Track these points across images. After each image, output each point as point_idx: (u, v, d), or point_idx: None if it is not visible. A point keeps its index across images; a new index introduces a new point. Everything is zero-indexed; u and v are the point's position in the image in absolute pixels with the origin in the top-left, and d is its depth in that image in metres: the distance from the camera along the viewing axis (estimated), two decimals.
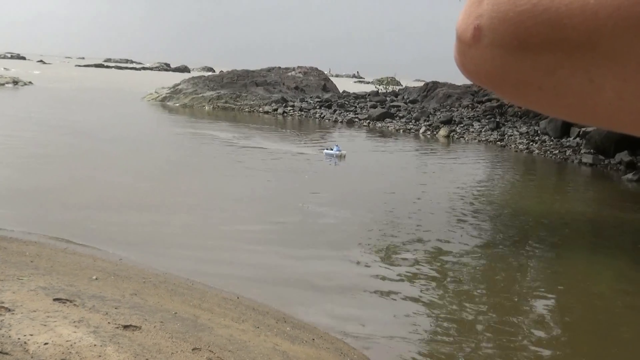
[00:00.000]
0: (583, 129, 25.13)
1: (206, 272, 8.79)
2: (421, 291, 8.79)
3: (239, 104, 38.39)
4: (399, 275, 9.37)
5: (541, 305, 8.77)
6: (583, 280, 10.16)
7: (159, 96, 40.68)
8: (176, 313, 6.60)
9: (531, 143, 25.87)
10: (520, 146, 25.71)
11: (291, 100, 39.07)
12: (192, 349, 5.58)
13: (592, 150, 22.61)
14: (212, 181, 15.63)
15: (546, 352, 7.29)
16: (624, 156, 21.15)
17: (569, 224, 14.07)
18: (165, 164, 17.38)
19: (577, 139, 25.06)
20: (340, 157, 20.38)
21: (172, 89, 41.16)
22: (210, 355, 5.57)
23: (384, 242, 11.03)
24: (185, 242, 10.19)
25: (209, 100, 38.65)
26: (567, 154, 23.67)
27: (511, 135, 27.59)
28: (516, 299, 9.04)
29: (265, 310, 7.54)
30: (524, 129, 28.36)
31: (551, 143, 25.45)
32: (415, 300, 8.43)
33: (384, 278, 9.19)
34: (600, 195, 17.49)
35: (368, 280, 9.08)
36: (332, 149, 20.94)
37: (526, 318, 8.29)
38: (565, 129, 26.15)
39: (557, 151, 24.20)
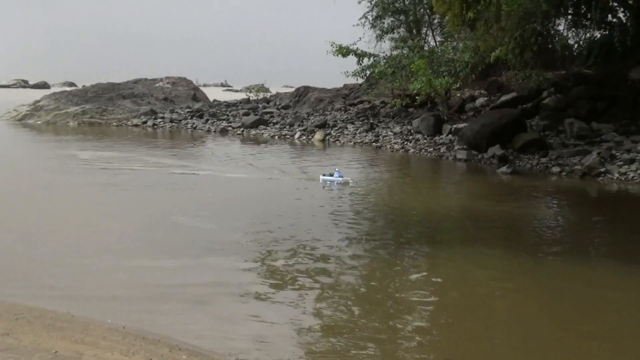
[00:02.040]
0: (455, 126, 25.71)
1: (82, 299, 8.02)
2: (313, 299, 8.47)
3: (106, 118, 36.83)
4: (281, 281, 9.08)
5: (421, 299, 8.72)
6: (461, 271, 10.20)
7: (18, 114, 38.40)
8: (56, 352, 5.87)
9: (406, 142, 26.20)
10: (396, 146, 25.98)
11: (161, 112, 37.88)
12: None
13: (465, 146, 23.11)
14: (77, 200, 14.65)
15: (427, 339, 7.20)
16: (496, 150, 21.73)
17: (448, 218, 14.20)
18: (27, 184, 16.22)
19: (450, 135, 25.61)
20: (344, 184, 17.52)
21: (32, 106, 38.96)
22: None
23: (264, 249, 10.66)
24: (56, 269, 9.33)
25: (74, 116, 36.85)
26: (441, 150, 24.11)
27: (385, 136, 27.85)
28: (397, 295, 8.89)
29: (157, 339, 6.90)
30: (397, 128, 28.71)
31: (425, 141, 25.86)
32: (299, 306, 8.08)
33: (271, 286, 8.80)
34: (477, 188, 17.81)
35: (253, 288, 8.67)
36: (332, 174, 18.01)
37: (407, 313, 8.24)
38: (437, 127, 26.68)
39: (431, 149, 24.60)
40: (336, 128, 30.69)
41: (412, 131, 27.72)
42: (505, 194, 17.18)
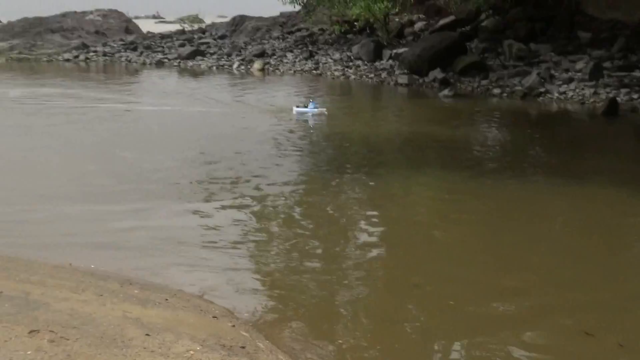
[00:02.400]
0: (395, 51, 25.51)
1: (24, 246, 7.67)
2: (249, 234, 8.32)
3: (35, 53, 35.37)
4: (226, 219, 8.79)
5: (365, 226, 8.68)
6: (404, 196, 10.25)
7: None
8: (1, 292, 5.61)
9: (346, 69, 25.95)
10: (336, 73, 25.72)
11: (93, 46, 36.57)
12: (29, 332, 4.70)
13: (406, 71, 23.00)
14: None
15: (383, 263, 7.16)
16: (437, 74, 21.70)
17: (391, 142, 14.22)
18: None
19: (390, 61, 25.42)
20: (320, 115, 16.71)
21: None
22: (52, 337, 4.71)
23: (206, 186, 10.32)
24: None
25: (1, 52, 35.31)
26: (382, 76, 23.97)
27: (325, 63, 27.52)
28: (344, 221, 8.87)
29: (106, 275, 6.69)
30: (337, 55, 28.36)
31: (365, 67, 25.65)
32: (245, 244, 7.94)
33: (213, 226, 8.53)
34: (420, 112, 17.80)
35: (197, 229, 8.38)
36: (306, 106, 17.09)
37: (351, 241, 8.19)
38: (377, 53, 26.44)
39: (372, 74, 24.44)
40: (275, 57, 30.17)
41: (352, 58, 27.44)
42: (448, 117, 17.23)
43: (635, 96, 17.56)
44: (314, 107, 16.87)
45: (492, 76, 21.06)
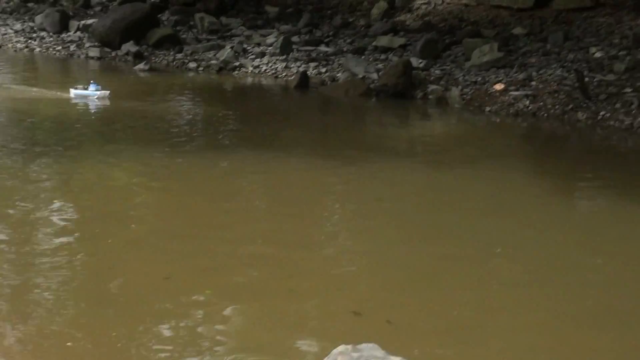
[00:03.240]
0: (83, 22, 24.20)
1: None
2: None
3: None
4: None
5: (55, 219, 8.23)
6: (100, 175, 10.11)
7: None
8: None
9: (30, 41, 23.98)
10: (19, 45, 23.67)
11: None
12: None
13: (97, 43, 21.96)
14: None
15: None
16: (130, 47, 21.03)
17: (84, 121, 13.77)
18: None
19: (79, 32, 24.03)
20: (102, 98, 15.10)
21: None
22: None
23: None
24: None
25: None
26: (71, 49, 22.58)
27: (5, 34, 25.17)
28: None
29: None
30: (18, 26, 26.02)
31: (51, 39, 23.93)
32: None
33: None
34: (114, 87, 17.02)
35: None
36: (86, 88, 15.22)
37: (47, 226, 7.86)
38: (64, 24, 24.74)
39: (60, 47, 22.90)
40: None
41: (35, 28, 25.39)
42: (145, 91, 16.84)
43: (322, 70, 18.69)
44: (96, 89, 15.20)
45: (187, 50, 20.99)
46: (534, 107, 15.20)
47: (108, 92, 15.27)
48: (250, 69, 19.47)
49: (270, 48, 20.57)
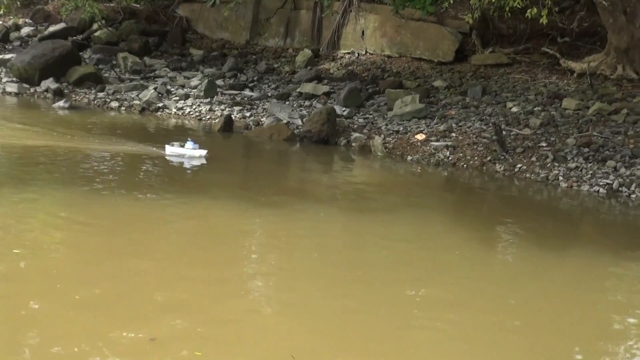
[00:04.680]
0: (1, 57, 23.56)
1: None
2: None
3: None
4: None
5: None
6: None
7: None
8: None
9: None
10: None
11: None
12: None
13: (15, 79, 21.38)
14: None
15: None
16: (50, 83, 20.52)
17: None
18: None
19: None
20: (198, 158, 14.14)
21: None
22: None
23: None
24: None
25: None
26: None
27: None
28: None
29: None
30: None
31: None
32: None
33: None
34: (34, 125, 16.63)
35: None
36: (182, 145, 14.30)
37: None
38: None
39: None
40: None
41: None
42: (64, 129, 16.38)
43: (247, 114, 18.68)
44: (194, 147, 14.25)
45: (109, 89, 20.64)
46: (454, 158, 15.58)
47: (205, 151, 14.23)
48: (174, 110, 19.29)
49: (194, 90, 20.48)
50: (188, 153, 14.21)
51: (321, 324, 7.21)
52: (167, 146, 14.49)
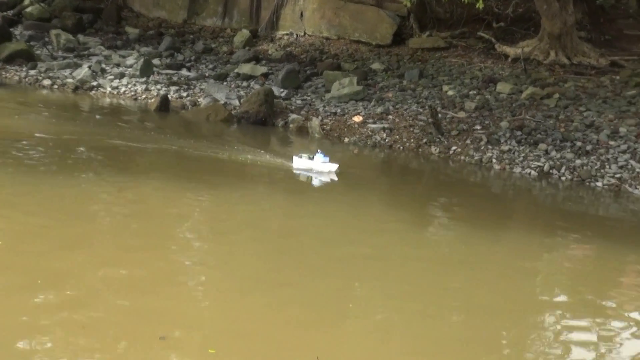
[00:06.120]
0: None
1: None
2: None
3: None
4: None
5: None
6: None
7: None
8: None
9: None
10: None
11: None
12: None
13: None
14: None
15: None
16: None
17: None
18: None
19: None
20: (328, 172, 12.68)
21: None
22: None
23: None
24: None
25: None
26: None
27: None
28: None
29: None
30: None
31: None
32: None
33: None
34: None
35: None
36: (311, 157, 12.80)
37: None
38: None
39: None
40: None
41: None
42: None
43: (184, 94, 18.44)
44: (324, 158, 12.71)
45: (42, 66, 20.06)
46: (390, 140, 15.72)
47: (336, 166, 12.70)
48: (109, 89, 18.89)
49: (130, 69, 20.10)
50: (315, 167, 12.75)
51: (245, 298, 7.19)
52: (294, 157, 13.06)
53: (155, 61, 20.83)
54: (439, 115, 15.94)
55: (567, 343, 6.94)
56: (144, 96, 18.49)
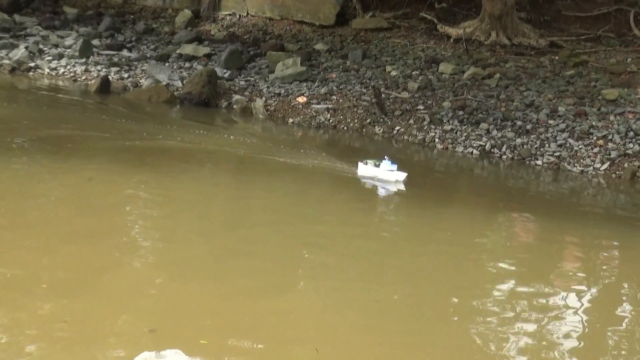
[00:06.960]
0: None
1: None
2: None
3: None
4: None
5: None
6: None
7: None
8: None
9: None
10: None
11: None
12: None
13: None
14: None
15: None
16: None
17: None
18: None
19: None
20: (396, 182, 11.58)
21: None
22: None
23: None
24: None
25: None
26: None
27: None
28: None
29: None
30: None
31: None
32: None
33: None
34: None
35: None
36: (378, 163, 11.74)
37: None
38: None
39: None
40: None
41: None
42: None
43: (125, 75, 18.13)
44: (392, 165, 11.66)
45: None
46: (334, 120, 15.77)
47: (404, 175, 11.59)
48: (47, 70, 18.46)
49: (68, 50, 19.65)
50: (381, 176, 11.73)
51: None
52: (359, 164, 12.11)
53: (95, 42, 20.40)
54: (383, 95, 16.03)
55: (512, 311, 7.17)
56: (83, 77, 18.11)
